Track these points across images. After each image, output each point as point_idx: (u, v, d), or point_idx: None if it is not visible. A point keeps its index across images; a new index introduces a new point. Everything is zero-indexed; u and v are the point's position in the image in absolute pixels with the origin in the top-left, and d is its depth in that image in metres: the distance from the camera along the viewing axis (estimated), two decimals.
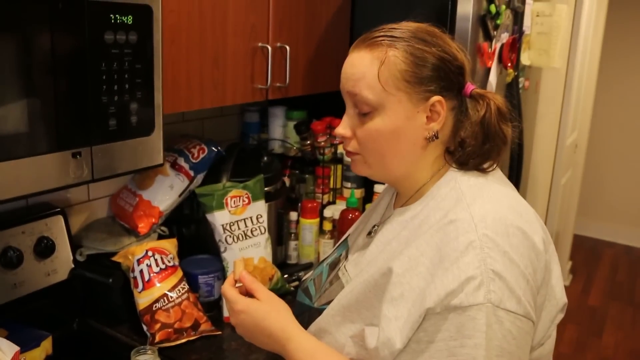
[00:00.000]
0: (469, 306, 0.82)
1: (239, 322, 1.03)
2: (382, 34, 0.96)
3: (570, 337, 3.63)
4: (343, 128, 1.01)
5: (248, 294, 1.05)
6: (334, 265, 1.15)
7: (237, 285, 1.06)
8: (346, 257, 1.14)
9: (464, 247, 0.85)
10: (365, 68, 0.95)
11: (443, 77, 0.96)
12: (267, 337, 1.00)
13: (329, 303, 1.04)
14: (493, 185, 0.98)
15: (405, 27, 0.98)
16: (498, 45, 1.97)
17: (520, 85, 2.37)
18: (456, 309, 0.83)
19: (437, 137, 0.98)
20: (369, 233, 1.12)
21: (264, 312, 1.00)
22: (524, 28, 2.24)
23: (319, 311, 1.05)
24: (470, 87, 0.99)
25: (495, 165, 1.01)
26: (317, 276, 1.17)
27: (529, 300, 0.87)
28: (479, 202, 0.92)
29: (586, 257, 4.89)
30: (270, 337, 0.99)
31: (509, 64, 2.06)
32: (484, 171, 1.00)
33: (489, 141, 0.98)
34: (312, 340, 0.99)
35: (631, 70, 4.86)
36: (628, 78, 4.88)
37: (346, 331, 0.98)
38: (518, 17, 2.16)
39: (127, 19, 1.19)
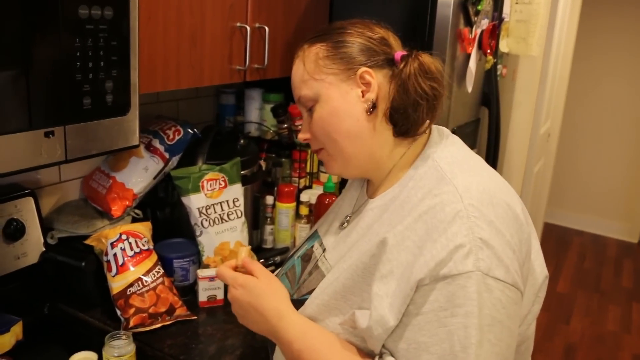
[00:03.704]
0: (459, 274, 0.82)
1: (236, 297, 1.01)
2: (304, 42, 1.06)
3: (538, 323, 3.63)
4: (302, 132, 1.07)
5: None
6: (307, 257, 1.14)
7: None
8: (321, 248, 1.12)
9: (451, 217, 0.85)
10: (297, 71, 1.04)
11: (365, 50, 0.99)
12: (259, 315, 0.99)
13: (310, 293, 1.03)
14: (471, 159, 0.99)
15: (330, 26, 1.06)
16: (478, 32, 1.97)
17: (498, 73, 2.37)
18: (445, 278, 0.83)
19: (375, 107, 0.98)
20: (342, 224, 1.11)
21: (260, 290, 0.99)
22: (504, 15, 2.24)
23: (301, 302, 1.03)
24: (399, 53, 0.99)
25: (428, 123, 1.01)
26: (289, 270, 1.16)
27: (516, 270, 0.87)
28: (461, 175, 0.92)
29: (555, 245, 4.97)
30: (262, 316, 0.98)
31: (489, 51, 2.06)
32: (419, 134, 1.01)
33: (411, 100, 0.96)
34: (303, 319, 0.98)
35: (603, 61, 4.92)
36: (599, 69, 4.94)
37: (334, 319, 0.97)
38: (498, 3, 2.15)
39: None
